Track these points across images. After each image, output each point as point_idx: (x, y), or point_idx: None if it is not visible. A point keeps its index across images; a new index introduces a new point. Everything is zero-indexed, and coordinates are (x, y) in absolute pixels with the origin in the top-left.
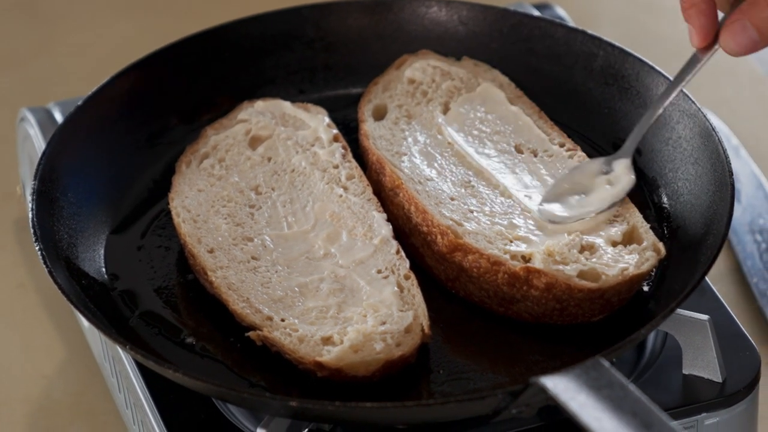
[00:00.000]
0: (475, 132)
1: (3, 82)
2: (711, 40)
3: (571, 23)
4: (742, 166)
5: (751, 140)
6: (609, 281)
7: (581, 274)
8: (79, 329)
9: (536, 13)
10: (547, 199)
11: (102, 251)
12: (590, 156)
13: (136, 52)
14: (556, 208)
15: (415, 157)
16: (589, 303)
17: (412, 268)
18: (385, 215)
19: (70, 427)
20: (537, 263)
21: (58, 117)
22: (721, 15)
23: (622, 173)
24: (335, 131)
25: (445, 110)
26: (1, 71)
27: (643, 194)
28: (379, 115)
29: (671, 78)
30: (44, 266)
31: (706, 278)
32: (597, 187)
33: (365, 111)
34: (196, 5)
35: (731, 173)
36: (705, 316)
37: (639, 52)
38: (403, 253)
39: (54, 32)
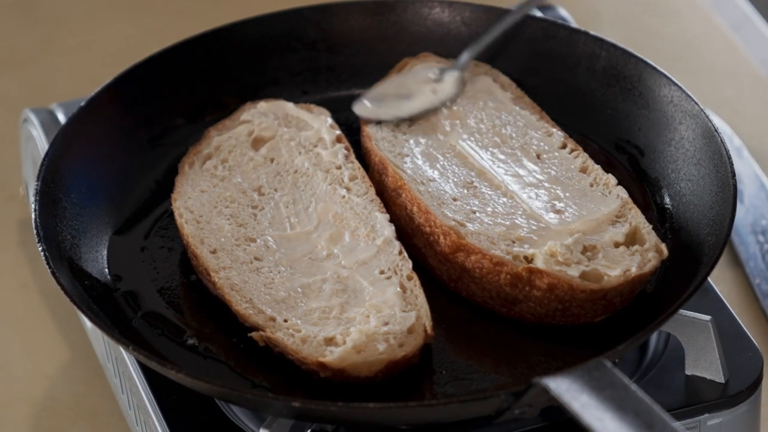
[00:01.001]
0: (477, 133)
1: (5, 83)
2: None
3: (574, 24)
4: (745, 167)
5: (753, 141)
6: (611, 282)
7: (583, 275)
8: (82, 330)
9: (539, 14)
10: (369, 96)
11: (105, 252)
12: (593, 158)
13: (139, 53)
14: (371, 106)
15: (417, 158)
16: (592, 304)
17: (415, 268)
18: (387, 216)
19: (72, 428)
20: (539, 264)
21: (61, 118)
22: None
23: (448, 84)
24: (338, 132)
25: (447, 111)
26: (3, 72)
27: (646, 195)
28: None
29: (674, 80)
30: (47, 267)
31: (709, 279)
32: (421, 93)
33: None
34: (198, 6)
35: (734, 174)
36: (707, 317)
37: (642, 53)
38: (405, 254)
39: (56, 33)
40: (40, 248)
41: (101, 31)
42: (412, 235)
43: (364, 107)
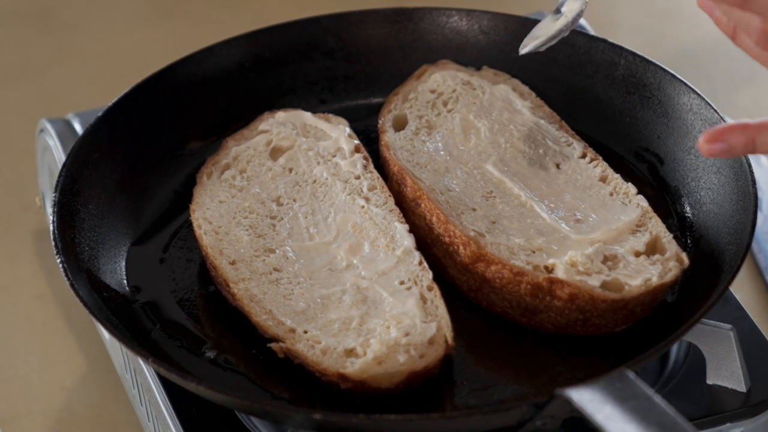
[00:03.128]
0: (495, 142)
1: (22, 93)
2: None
3: (592, 32)
4: (764, 174)
5: None
6: (632, 292)
7: (604, 285)
8: (100, 341)
9: None
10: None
11: (123, 263)
12: (612, 167)
13: (156, 62)
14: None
15: (436, 168)
16: (613, 314)
17: (435, 279)
18: (407, 226)
19: None
20: (560, 274)
21: (78, 128)
22: None
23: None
24: (356, 142)
25: (466, 120)
26: (19, 82)
27: (666, 204)
28: (400, 125)
29: (694, 87)
30: (66, 279)
31: (729, 287)
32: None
33: (385, 122)
34: (216, 15)
35: (754, 182)
36: (728, 326)
37: (660, 61)
38: (425, 264)
39: (72, 41)
40: (58, 260)
41: (118, 40)
42: (432, 246)
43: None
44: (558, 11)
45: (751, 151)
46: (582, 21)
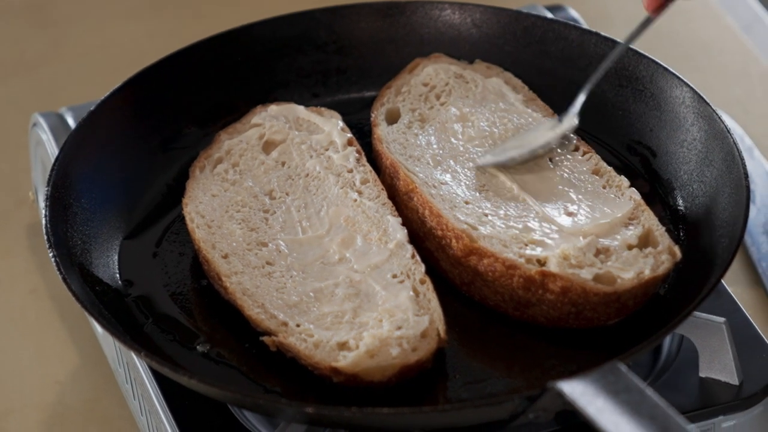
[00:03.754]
0: (489, 136)
1: (15, 87)
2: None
3: (585, 25)
4: (756, 166)
5: (764, 140)
6: (624, 285)
7: (597, 278)
8: (93, 335)
9: (549, 15)
10: (492, 153)
11: (116, 257)
12: (605, 160)
13: (149, 56)
14: (492, 157)
15: (429, 161)
16: (605, 307)
17: (427, 272)
18: (399, 219)
19: None
20: (552, 267)
21: (71, 122)
22: None
23: (566, 122)
24: (349, 135)
25: (459, 113)
26: (12, 76)
27: (659, 197)
28: (392, 118)
29: (686, 80)
30: (58, 273)
31: (722, 280)
32: (540, 136)
33: (378, 115)
34: (208, 9)
35: (746, 175)
36: (721, 319)
37: (652, 54)
38: (418, 257)
39: (65, 36)
40: (50, 254)
41: (111, 35)
42: (424, 239)
43: (489, 160)
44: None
45: None
46: (575, 14)
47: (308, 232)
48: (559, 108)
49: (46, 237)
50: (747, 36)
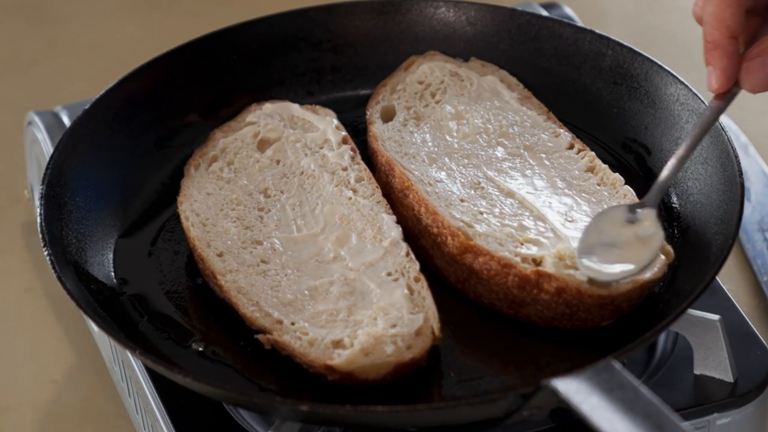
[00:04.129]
0: (485, 133)
1: (10, 86)
2: (732, 83)
3: (580, 23)
4: (751, 164)
5: (759, 138)
6: (619, 288)
7: (592, 280)
8: (89, 333)
9: (544, 13)
10: (583, 253)
11: (111, 255)
12: (600, 157)
13: (143, 54)
14: (599, 266)
15: (424, 159)
16: (599, 309)
17: (422, 270)
18: (394, 217)
19: None
20: (548, 267)
21: (66, 120)
22: None
23: (651, 227)
24: (344, 133)
25: (454, 111)
26: (7, 74)
27: None
28: (388, 116)
29: (681, 78)
30: (53, 271)
31: (717, 278)
32: (627, 240)
33: (373, 113)
34: (203, 7)
35: (741, 173)
36: (716, 316)
37: (647, 52)
38: (413, 255)
39: (60, 34)
40: (45, 252)
41: (106, 33)
42: (419, 237)
43: (596, 271)
44: (633, 211)
45: None
46: (570, 12)
47: (303, 230)
48: (554, 106)
49: (41, 235)
50: None
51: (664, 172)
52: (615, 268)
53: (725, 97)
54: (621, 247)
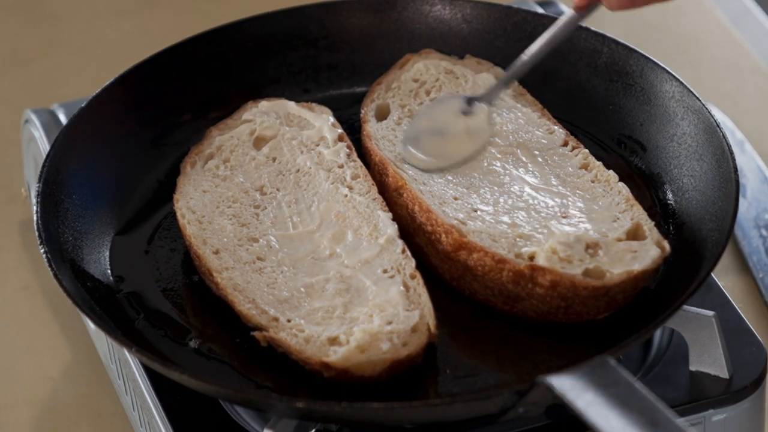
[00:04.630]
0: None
1: (7, 84)
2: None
3: None
4: (747, 160)
5: (755, 134)
6: (614, 279)
7: (586, 272)
8: (85, 331)
9: (540, 10)
10: (408, 138)
11: (107, 253)
12: (594, 154)
13: (140, 52)
14: (416, 151)
15: None
16: (594, 301)
17: (417, 267)
18: (390, 214)
19: (76, 429)
20: (541, 261)
21: (63, 118)
22: None
23: (482, 122)
24: (340, 131)
25: None
26: (4, 72)
27: (648, 191)
28: (382, 115)
29: (676, 75)
30: (49, 269)
31: (712, 274)
32: (456, 131)
33: (368, 111)
34: (199, 4)
35: (736, 169)
36: (711, 312)
37: (643, 49)
38: (408, 253)
39: (57, 33)
40: (42, 250)
41: (103, 31)
42: (414, 235)
43: (409, 153)
44: (470, 104)
45: None
46: (565, 9)
47: (299, 228)
48: (549, 103)
49: (37, 233)
50: (737, 30)
51: (508, 71)
52: (432, 157)
53: (585, 10)
54: (447, 138)
